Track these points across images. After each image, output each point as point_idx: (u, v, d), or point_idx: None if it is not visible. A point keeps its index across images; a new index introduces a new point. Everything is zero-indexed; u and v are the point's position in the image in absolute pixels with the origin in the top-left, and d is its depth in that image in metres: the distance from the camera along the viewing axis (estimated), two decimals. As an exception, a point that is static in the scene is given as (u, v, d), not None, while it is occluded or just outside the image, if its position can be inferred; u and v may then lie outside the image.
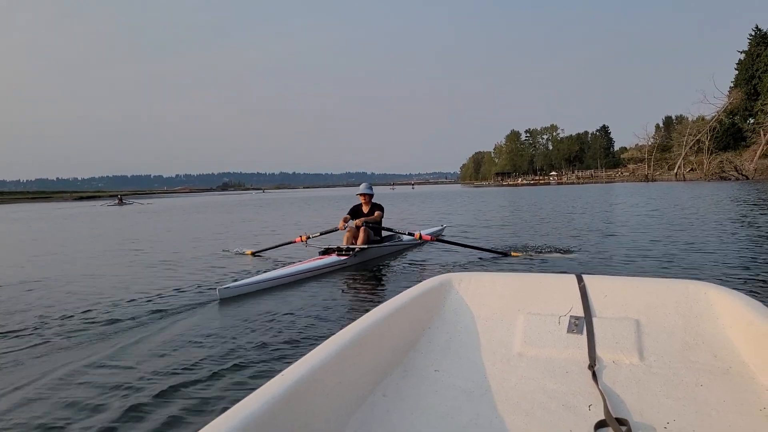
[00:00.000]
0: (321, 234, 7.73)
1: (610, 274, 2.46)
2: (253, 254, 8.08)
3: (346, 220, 7.26)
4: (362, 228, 7.10)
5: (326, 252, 6.89)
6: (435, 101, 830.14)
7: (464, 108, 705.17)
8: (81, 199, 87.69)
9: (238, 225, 16.05)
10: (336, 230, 7.40)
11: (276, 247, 8.05)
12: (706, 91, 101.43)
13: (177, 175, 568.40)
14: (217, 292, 4.98)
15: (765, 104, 59.90)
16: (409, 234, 7.48)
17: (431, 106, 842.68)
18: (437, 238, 7.81)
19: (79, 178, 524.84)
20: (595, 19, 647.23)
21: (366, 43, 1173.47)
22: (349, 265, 6.72)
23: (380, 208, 7.53)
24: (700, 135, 66.88)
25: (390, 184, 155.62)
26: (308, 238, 7.57)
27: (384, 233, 7.62)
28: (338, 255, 6.71)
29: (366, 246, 6.97)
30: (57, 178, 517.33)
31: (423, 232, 7.67)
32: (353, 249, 6.80)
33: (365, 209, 7.50)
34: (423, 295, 2.04)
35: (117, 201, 50.99)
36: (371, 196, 7.52)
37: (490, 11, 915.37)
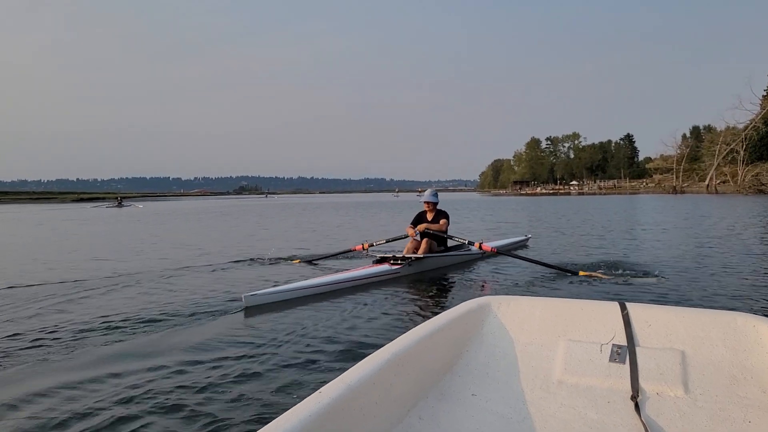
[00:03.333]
0: (386, 241, 7.39)
1: (655, 303, 2.25)
2: (304, 261, 7.68)
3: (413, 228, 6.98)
4: (425, 240, 6.75)
5: (381, 261, 6.43)
6: (457, 107, 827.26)
7: (486, 114, 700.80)
8: (81, 200, 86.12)
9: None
10: (405, 237, 7.05)
11: (330, 256, 7.76)
12: (742, 97, 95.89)
13: (195, 178, 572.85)
14: (243, 299, 4.66)
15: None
16: (470, 243, 6.92)
17: (453, 112, 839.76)
18: (500, 250, 7.19)
19: (99, 179, 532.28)
20: (620, 24, 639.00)
21: (386, 47, 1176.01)
22: (402, 275, 6.25)
23: (445, 215, 7.21)
24: (734, 144, 62.57)
25: (395, 191, 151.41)
26: (370, 246, 7.20)
27: (448, 242, 7.23)
28: (392, 264, 6.26)
29: (422, 255, 6.53)
30: (77, 179, 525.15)
31: (487, 243, 7.16)
32: (409, 258, 6.38)
33: (429, 216, 7.21)
34: (461, 318, 1.99)
35: (116, 203, 50.10)
36: (436, 203, 7.24)
37: (511, 16, 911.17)
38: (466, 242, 6.97)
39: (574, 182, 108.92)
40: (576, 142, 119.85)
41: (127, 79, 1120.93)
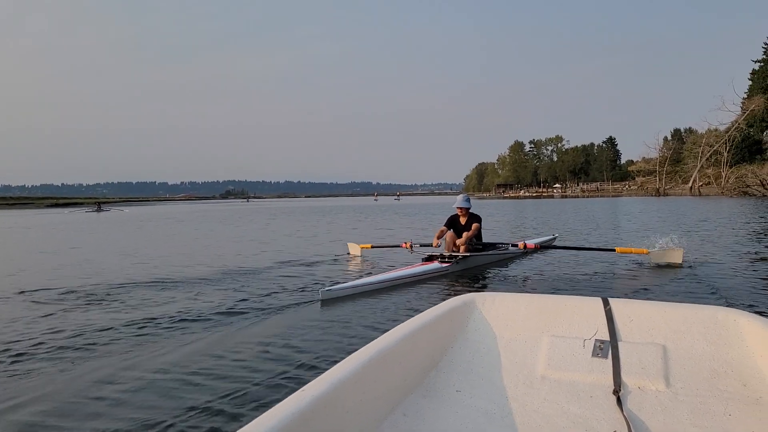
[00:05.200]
0: (421, 246, 7.81)
1: (637, 298, 2.15)
2: (372, 246, 8.73)
3: (441, 233, 7.27)
4: (464, 245, 7.03)
5: (429, 258, 6.86)
6: (442, 111, 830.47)
7: (472, 118, 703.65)
8: (56, 205, 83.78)
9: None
10: (430, 245, 7.44)
11: (386, 246, 8.69)
12: (725, 98, 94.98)
13: (182, 183, 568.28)
14: (320, 293, 5.11)
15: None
16: (513, 245, 7.34)
17: (439, 116, 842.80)
18: (542, 246, 7.65)
19: (84, 184, 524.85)
20: (602, 30, 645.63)
21: (374, 53, 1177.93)
22: (450, 272, 6.67)
23: (478, 219, 7.45)
24: (717, 145, 61.92)
25: (374, 195, 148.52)
26: (412, 245, 7.68)
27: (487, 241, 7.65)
28: (440, 262, 6.69)
29: (469, 254, 6.96)
30: (62, 184, 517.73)
31: (528, 242, 7.49)
32: (456, 256, 6.78)
33: (462, 221, 7.47)
34: (446, 315, 2.00)
35: (95, 208, 50.32)
36: (468, 208, 7.48)
37: (497, 23, 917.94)
38: (510, 245, 7.42)
39: (557, 185, 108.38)
40: (559, 145, 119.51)
41: (115, 84, 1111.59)
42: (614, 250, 6.64)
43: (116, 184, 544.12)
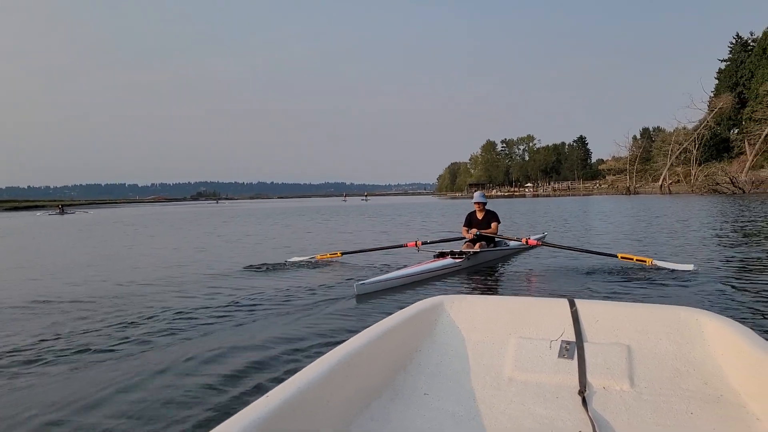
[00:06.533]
0: (441, 241, 8.24)
1: (603, 299, 2.28)
2: (343, 254, 8.23)
3: (466, 232, 7.83)
4: (479, 243, 7.61)
5: (441, 255, 7.14)
6: (416, 112, 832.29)
7: (445, 118, 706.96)
8: (17, 209, 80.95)
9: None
10: (460, 239, 7.98)
11: (385, 248, 8.42)
12: (694, 96, 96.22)
13: (152, 184, 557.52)
14: (354, 287, 5.29)
15: (755, 111, 55.53)
16: (517, 239, 7.84)
17: (413, 116, 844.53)
18: (543, 242, 8.04)
19: (51, 187, 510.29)
20: (573, 30, 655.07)
21: (347, 54, 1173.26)
22: (463, 267, 7.00)
23: (495, 216, 7.86)
24: (686, 143, 62.12)
25: (342, 195, 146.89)
26: (423, 243, 7.82)
27: (496, 238, 8.01)
28: (452, 258, 6.98)
29: (478, 250, 7.40)
30: (28, 186, 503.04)
31: (530, 238, 7.93)
32: (466, 253, 7.13)
33: (480, 216, 7.86)
34: (414, 317, 2.01)
35: (58, 211, 50.70)
36: (485, 204, 7.90)
37: (467, 24, 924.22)
38: (515, 238, 7.95)
39: (528, 184, 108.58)
40: (531, 144, 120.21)
41: (85, 85, 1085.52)
42: (616, 256, 6.62)
43: (84, 186, 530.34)
